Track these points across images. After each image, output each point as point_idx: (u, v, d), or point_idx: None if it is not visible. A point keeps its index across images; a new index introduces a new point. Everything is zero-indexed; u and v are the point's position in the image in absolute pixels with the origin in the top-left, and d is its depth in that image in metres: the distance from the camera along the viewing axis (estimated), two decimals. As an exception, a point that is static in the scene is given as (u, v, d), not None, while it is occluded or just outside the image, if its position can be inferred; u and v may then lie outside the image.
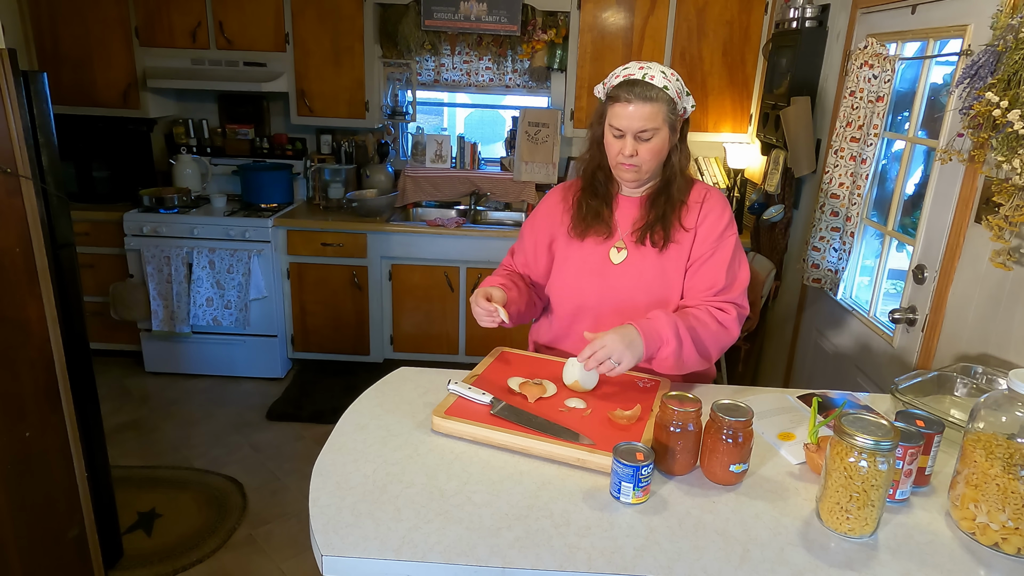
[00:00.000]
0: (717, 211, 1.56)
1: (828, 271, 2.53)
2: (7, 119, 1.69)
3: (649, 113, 1.44)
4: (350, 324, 3.73)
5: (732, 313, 1.52)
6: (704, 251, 1.54)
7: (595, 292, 1.59)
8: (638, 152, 1.47)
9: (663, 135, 1.47)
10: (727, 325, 1.51)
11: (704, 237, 1.54)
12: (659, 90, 1.44)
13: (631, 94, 1.43)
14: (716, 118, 3.60)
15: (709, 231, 1.54)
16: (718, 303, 1.52)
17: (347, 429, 1.33)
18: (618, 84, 1.46)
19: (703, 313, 1.50)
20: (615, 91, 1.46)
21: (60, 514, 1.95)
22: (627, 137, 1.47)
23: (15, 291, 1.75)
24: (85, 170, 3.72)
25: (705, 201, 1.56)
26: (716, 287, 1.52)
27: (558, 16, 3.67)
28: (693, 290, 1.55)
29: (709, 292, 1.53)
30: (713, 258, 1.53)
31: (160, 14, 3.52)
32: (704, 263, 1.54)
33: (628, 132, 1.46)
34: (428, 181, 3.96)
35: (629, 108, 1.44)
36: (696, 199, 1.57)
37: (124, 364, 3.79)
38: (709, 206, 1.56)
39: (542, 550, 1.02)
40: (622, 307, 1.57)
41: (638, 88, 1.43)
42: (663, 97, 1.44)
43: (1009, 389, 1.09)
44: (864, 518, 1.05)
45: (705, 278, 1.54)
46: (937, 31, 2.05)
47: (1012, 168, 1.51)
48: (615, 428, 1.31)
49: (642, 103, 1.43)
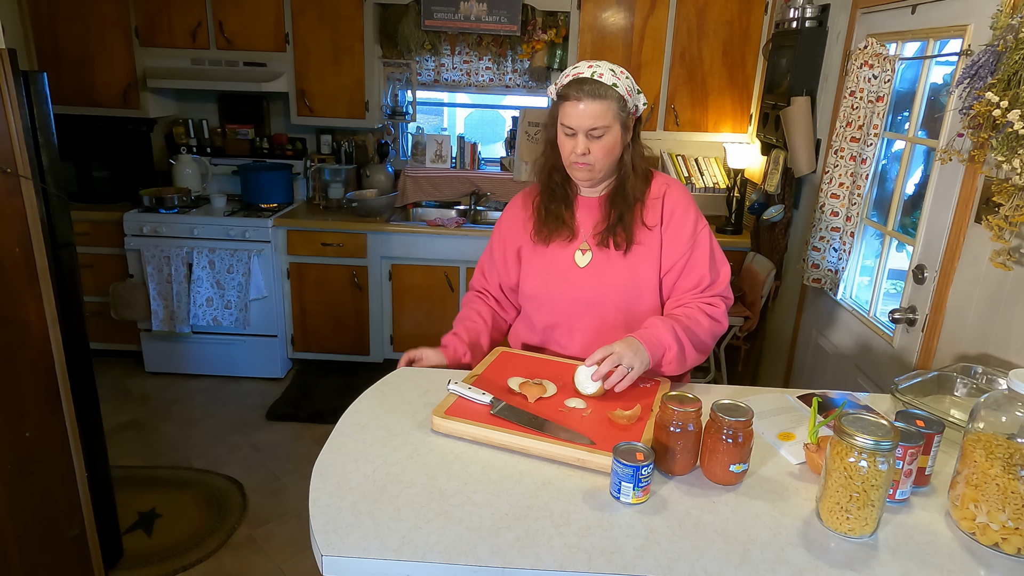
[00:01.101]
0: (682, 207, 1.56)
1: (828, 271, 2.53)
2: (7, 119, 1.69)
3: (599, 111, 1.44)
4: (350, 324, 3.73)
5: (721, 306, 1.55)
6: (682, 251, 1.55)
7: (564, 296, 1.59)
8: (590, 150, 1.48)
9: (614, 133, 1.48)
10: (718, 318, 1.54)
11: (675, 237, 1.55)
12: (608, 87, 1.44)
13: (580, 92, 1.44)
14: (716, 118, 3.60)
15: (679, 230, 1.55)
16: (706, 299, 1.55)
17: (347, 429, 1.33)
18: (568, 83, 1.47)
19: (695, 311, 1.52)
20: (565, 90, 1.47)
21: (60, 514, 1.95)
22: (579, 135, 1.47)
23: (15, 291, 1.75)
24: (85, 170, 3.72)
25: (666, 197, 1.57)
26: (702, 284, 1.55)
27: (558, 16, 3.67)
28: (680, 290, 1.57)
29: (696, 290, 1.55)
30: (693, 256, 1.55)
31: (160, 14, 3.52)
32: (686, 263, 1.55)
33: (579, 130, 1.46)
34: (428, 181, 3.96)
35: (579, 106, 1.44)
36: (656, 195, 1.57)
37: (124, 364, 3.79)
38: (672, 202, 1.56)
39: (542, 550, 1.02)
40: (592, 309, 1.58)
41: (587, 86, 1.44)
42: (612, 94, 1.45)
43: (1009, 389, 1.09)
44: (864, 518, 1.05)
45: (690, 277, 1.55)
46: (937, 31, 2.05)
47: (1012, 168, 1.51)
48: (615, 428, 1.31)
49: (591, 100, 1.44)
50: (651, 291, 1.58)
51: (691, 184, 3.81)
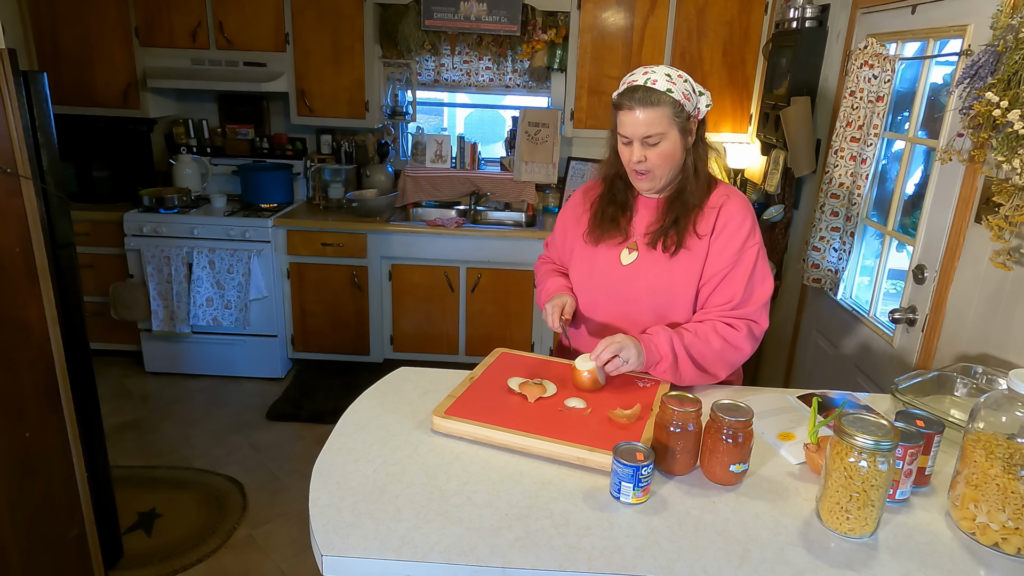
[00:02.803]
0: (737, 220, 1.51)
1: (828, 271, 2.53)
2: (7, 119, 1.69)
3: (652, 118, 1.43)
4: (350, 324, 3.73)
5: (743, 331, 1.48)
6: (724, 264, 1.50)
7: (603, 292, 1.61)
8: (647, 157, 1.47)
9: (672, 139, 1.46)
10: (734, 342, 1.47)
11: (722, 249, 1.50)
12: (661, 94, 1.43)
13: (632, 100, 1.44)
14: (716, 118, 3.60)
15: (727, 243, 1.50)
16: (729, 319, 1.50)
17: (347, 429, 1.33)
18: (622, 91, 1.47)
19: (708, 330, 1.48)
20: (619, 99, 1.47)
21: (60, 514, 1.95)
22: (634, 143, 1.47)
23: (15, 291, 1.75)
24: (85, 170, 3.72)
25: (723, 208, 1.52)
26: (732, 302, 1.50)
27: (558, 16, 3.67)
28: (710, 304, 1.53)
29: (725, 307, 1.50)
30: (733, 272, 1.50)
31: (160, 14, 3.52)
32: (724, 278, 1.51)
33: (634, 138, 1.46)
34: (428, 181, 3.96)
35: (633, 115, 1.44)
36: (714, 204, 1.53)
37: (124, 364, 3.79)
38: (728, 214, 1.52)
39: (542, 550, 1.02)
40: (627, 308, 1.58)
41: (639, 94, 1.43)
42: (666, 100, 1.43)
43: (1009, 389, 1.09)
44: (864, 518, 1.05)
45: (723, 292, 1.51)
46: (937, 31, 2.05)
47: (1012, 168, 1.51)
48: (615, 428, 1.31)
49: (644, 108, 1.43)
50: (686, 299, 1.54)
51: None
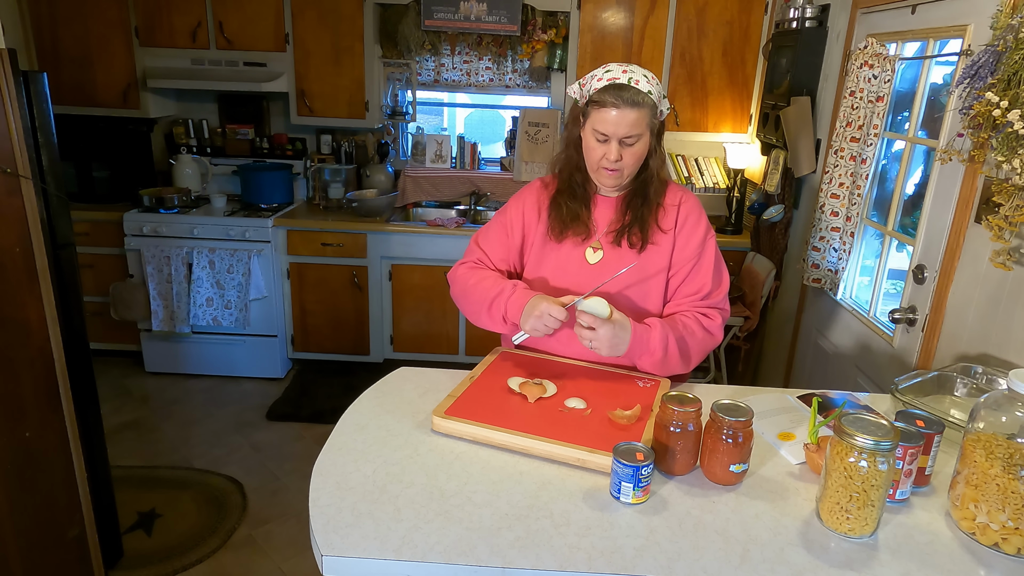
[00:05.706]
0: (695, 216, 1.58)
1: (828, 271, 2.53)
2: (7, 119, 1.69)
3: (635, 119, 1.43)
4: (350, 324, 3.73)
5: (717, 319, 1.55)
6: (688, 257, 1.56)
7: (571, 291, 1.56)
8: (623, 157, 1.47)
9: (645, 140, 1.48)
10: (712, 331, 1.54)
11: (687, 240, 1.56)
12: (644, 95, 1.43)
13: (618, 99, 1.41)
14: (716, 118, 3.60)
15: (691, 234, 1.56)
16: (704, 308, 1.55)
17: (347, 429, 1.33)
18: (604, 88, 1.44)
19: (691, 320, 1.52)
20: (600, 95, 1.44)
21: (60, 514, 1.95)
22: (611, 142, 1.45)
23: (15, 291, 1.75)
24: (85, 170, 3.72)
25: (682, 204, 1.58)
26: (703, 292, 1.55)
27: (558, 16, 3.67)
28: (680, 294, 1.57)
29: (696, 297, 1.56)
30: (699, 264, 1.56)
31: (160, 14, 3.51)
32: (691, 269, 1.56)
33: (614, 137, 1.45)
34: (428, 181, 3.96)
35: (616, 113, 1.42)
36: (672, 202, 1.58)
37: (124, 364, 3.79)
38: (687, 210, 1.58)
39: (542, 550, 1.02)
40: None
41: (626, 93, 1.41)
42: (648, 102, 1.43)
43: (1009, 389, 1.09)
44: (864, 518, 1.05)
45: (692, 284, 1.56)
46: (937, 31, 2.05)
47: (1012, 168, 1.51)
48: (615, 428, 1.31)
49: (629, 109, 1.42)
50: (658, 291, 1.58)
51: (691, 184, 3.81)
